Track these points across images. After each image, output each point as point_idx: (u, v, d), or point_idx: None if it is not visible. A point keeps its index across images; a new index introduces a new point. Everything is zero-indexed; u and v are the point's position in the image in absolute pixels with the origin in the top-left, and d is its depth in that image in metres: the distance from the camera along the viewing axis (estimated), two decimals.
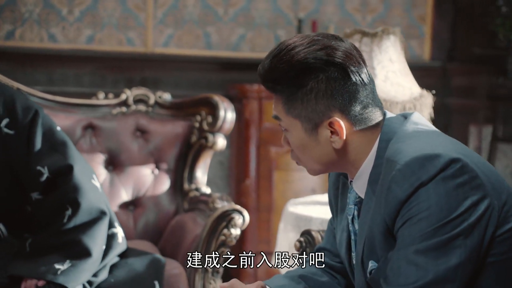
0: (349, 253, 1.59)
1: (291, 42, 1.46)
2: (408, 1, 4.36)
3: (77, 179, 2.10)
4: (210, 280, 2.30)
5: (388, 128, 1.47)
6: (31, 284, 1.99)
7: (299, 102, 1.44)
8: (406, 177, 1.34)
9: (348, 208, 1.55)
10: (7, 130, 2.12)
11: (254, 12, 4.21)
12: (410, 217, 1.33)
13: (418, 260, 1.31)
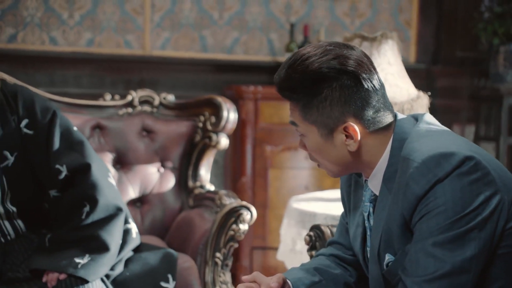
0: (363, 247, 1.62)
1: (305, 52, 1.49)
2: (395, 6, 4.41)
3: (95, 177, 2.11)
4: (219, 273, 2.32)
5: (401, 129, 1.51)
6: (52, 277, 1.99)
7: (315, 109, 1.48)
8: (423, 174, 1.38)
9: (363, 206, 1.59)
10: (26, 130, 2.13)
11: (248, 16, 4.23)
12: (427, 212, 1.37)
13: (436, 252, 1.36)
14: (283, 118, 3.87)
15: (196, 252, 2.37)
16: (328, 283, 1.68)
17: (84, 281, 1.98)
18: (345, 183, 1.72)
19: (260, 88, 3.88)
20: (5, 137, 2.09)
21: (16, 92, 2.15)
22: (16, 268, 2.07)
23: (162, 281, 2.17)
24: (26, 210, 2.15)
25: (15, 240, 2.14)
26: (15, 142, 2.11)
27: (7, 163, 2.10)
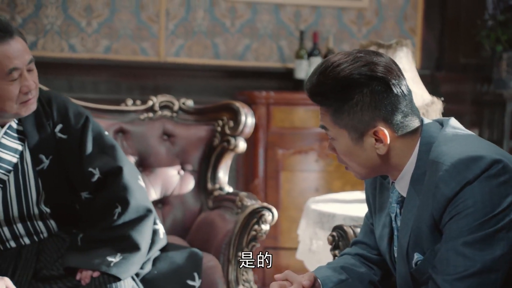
0: (390, 247, 1.64)
1: (336, 59, 1.51)
2: (400, 14, 4.43)
3: (126, 180, 2.13)
4: (242, 272, 2.34)
5: (427, 133, 1.53)
6: (86, 275, 2.01)
7: (346, 114, 1.49)
8: (453, 176, 1.40)
9: (391, 207, 1.61)
10: (61, 135, 2.15)
11: (258, 24, 4.25)
12: (457, 213, 1.39)
13: (466, 251, 1.38)
14: (294, 123, 3.90)
15: (219, 251, 2.38)
16: (354, 282, 1.70)
17: (116, 279, 1.99)
18: (370, 185, 1.73)
19: (272, 94, 3.90)
20: (41, 142, 2.11)
21: (50, 98, 2.17)
22: (50, 266, 2.08)
23: (188, 279, 2.18)
24: (59, 211, 2.17)
25: (48, 239, 2.15)
26: (50, 146, 2.12)
27: (42, 166, 2.11)
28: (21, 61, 1.97)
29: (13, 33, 1.96)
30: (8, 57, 1.94)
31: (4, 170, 2.07)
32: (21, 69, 1.97)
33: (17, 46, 1.96)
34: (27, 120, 2.10)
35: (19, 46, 1.96)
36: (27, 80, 1.98)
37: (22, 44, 1.98)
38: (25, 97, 1.99)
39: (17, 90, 1.97)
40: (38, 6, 3.95)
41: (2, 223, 2.08)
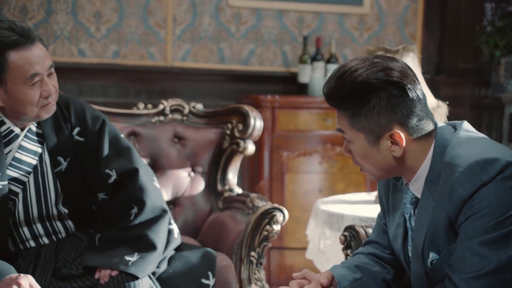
0: (404, 246, 1.65)
1: (353, 64, 1.53)
2: (400, 20, 4.45)
3: (142, 181, 2.14)
4: (254, 271, 2.35)
5: (441, 136, 1.54)
6: (105, 274, 2.02)
7: (363, 118, 1.50)
8: (468, 178, 1.41)
9: (405, 208, 1.62)
10: (78, 138, 2.16)
11: (262, 29, 4.27)
12: (473, 213, 1.40)
13: (482, 251, 1.39)
14: (298, 126, 3.91)
15: (232, 251, 2.39)
16: (368, 280, 1.71)
17: (134, 277, 2.00)
18: (383, 187, 1.74)
19: (277, 97, 3.92)
20: (59, 144, 2.12)
21: (68, 102, 2.18)
22: (69, 265, 2.09)
23: (203, 278, 2.19)
24: (76, 211, 2.18)
25: (66, 239, 2.17)
26: (68, 148, 2.14)
27: (60, 168, 2.13)
28: (42, 67, 1.98)
29: (34, 39, 1.97)
30: (29, 62, 1.95)
31: (24, 172, 2.08)
32: (42, 74, 1.98)
33: (38, 51, 1.97)
34: (46, 124, 2.11)
35: (40, 52, 1.98)
36: (47, 85, 1.99)
37: (43, 50, 2.00)
38: (45, 101, 2.00)
39: (37, 94, 1.99)
40: (48, 12, 3.97)
41: (22, 223, 2.09)
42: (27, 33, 1.96)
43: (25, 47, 1.95)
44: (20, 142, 2.07)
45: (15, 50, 1.94)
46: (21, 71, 1.95)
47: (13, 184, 2.06)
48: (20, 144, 2.07)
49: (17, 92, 1.98)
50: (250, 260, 2.35)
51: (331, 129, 3.92)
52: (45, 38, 3.94)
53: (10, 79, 1.97)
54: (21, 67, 1.95)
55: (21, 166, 2.08)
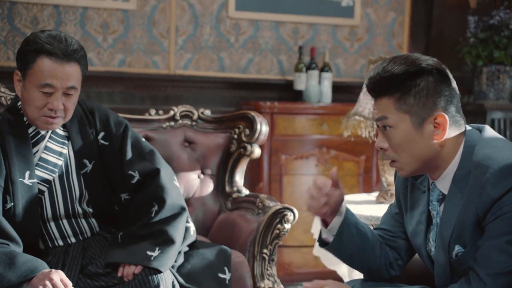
0: (425, 242, 1.67)
1: (401, 55, 1.59)
2: (388, 31, 4.52)
3: (163, 180, 2.16)
4: (267, 267, 2.38)
5: (470, 137, 1.57)
6: (129, 269, 2.03)
7: (412, 98, 1.53)
8: (499, 180, 1.45)
9: (431, 205, 1.64)
10: (103, 142, 2.18)
11: (260, 40, 4.31)
12: (502, 214, 1.44)
13: (509, 249, 1.42)
14: (296, 130, 3.95)
15: (245, 248, 2.42)
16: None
17: (157, 271, 2.02)
18: (401, 185, 1.77)
19: (276, 104, 3.95)
20: (85, 147, 2.15)
21: (93, 109, 2.20)
22: (94, 263, 2.11)
23: (219, 273, 2.21)
24: (100, 211, 2.20)
25: (91, 238, 2.18)
26: (93, 151, 2.16)
27: (86, 170, 2.15)
28: (60, 83, 1.99)
29: (71, 60, 1.99)
30: (50, 73, 1.97)
31: (49, 171, 2.10)
32: (56, 88, 1.99)
33: (66, 70, 1.98)
34: (72, 127, 2.14)
35: (67, 71, 1.99)
36: (56, 100, 1.99)
37: (73, 71, 2.00)
38: (49, 112, 2.01)
39: (43, 102, 2.00)
40: (58, 23, 3.97)
41: (50, 219, 2.11)
42: (68, 52, 1.98)
43: (56, 61, 1.97)
44: (46, 143, 2.10)
45: (48, 57, 1.97)
46: (39, 76, 1.98)
47: (40, 183, 2.08)
48: (46, 145, 2.10)
49: (29, 90, 2.01)
50: (263, 257, 2.37)
51: (327, 134, 3.97)
52: None
53: (29, 77, 2.00)
54: (41, 72, 1.98)
55: (47, 166, 2.10)
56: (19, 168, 2.01)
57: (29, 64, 1.99)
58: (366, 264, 1.73)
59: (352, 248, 1.70)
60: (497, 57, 4.10)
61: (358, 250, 1.71)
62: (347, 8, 4.40)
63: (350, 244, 1.70)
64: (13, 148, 2.02)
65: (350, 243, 1.70)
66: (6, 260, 1.87)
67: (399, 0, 4.51)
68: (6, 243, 1.93)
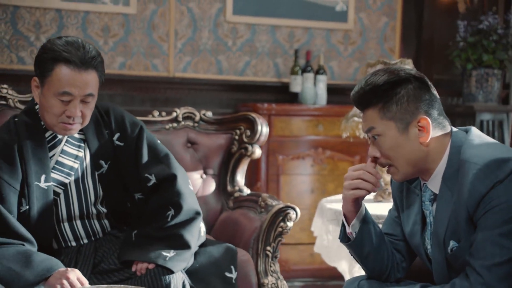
0: (422, 240, 1.70)
1: (380, 69, 1.64)
2: (381, 36, 4.55)
3: (180, 186, 2.14)
4: (270, 264, 2.39)
5: (456, 138, 1.62)
6: (142, 267, 2.03)
7: (395, 105, 1.59)
8: (486, 175, 1.48)
9: (424, 205, 1.68)
10: (118, 143, 2.16)
11: (257, 43, 4.33)
12: (491, 207, 1.47)
13: (502, 241, 1.46)
14: (292, 131, 3.97)
15: (248, 246, 2.43)
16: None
17: (170, 271, 2.02)
18: (397, 189, 1.81)
19: (273, 105, 3.97)
20: (100, 148, 2.13)
21: (108, 109, 2.19)
22: (106, 260, 2.10)
23: (226, 271, 2.21)
24: (113, 210, 2.19)
25: (103, 238, 2.18)
26: (109, 152, 2.14)
27: (102, 170, 2.14)
28: (78, 91, 1.97)
29: (88, 68, 1.96)
30: (68, 82, 1.95)
31: (65, 174, 2.10)
32: (74, 96, 1.97)
33: (84, 78, 1.96)
34: (88, 130, 2.12)
35: (86, 79, 1.96)
36: (75, 108, 1.98)
37: (91, 79, 1.98)
38: (67, 119, 2.00)
39: (61, 110, 1.98)
40: (60, 27, 3.97)
41: (64, 220, 2.11)
42: (86, 59, 1.95)
43: (74, 69, 1.94)
44: (62, 147, 2.09)
45: (66, 65, 1.95)
46: (58, 84, 1.96)
47: (56, 186, 2.07)
48: (62, 149, 2.09)
49: (47, 98, 2.00)
50: (266, 254, 2.38)
51: (322, 135, 4.00)
52: None
53: (47, 84, 1.99)
54: (59, 81, 1.96)
55: (63, 169, 2.09)
56: (35, 171, 2.00)
57: (47, 72, 1.96)
58: (379, 265, 1.75)
59: (369, 246, 1.73)
60: (486, 60, 4.15)
61: (374, 249, 1.74)
62: (341, 12, 4.43)
63: (368, 242, 1.73)
64: (30, 152, 2.00)
65: (368, 241, 1.73)
66: (22, 259, 1.87)
67: (391, 5, 4.55)
68: (22, 243, 1.93)
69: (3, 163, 1.96)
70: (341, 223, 1.80)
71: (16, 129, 2.03)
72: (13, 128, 2.04)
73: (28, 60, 3.92)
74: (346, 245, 1.78)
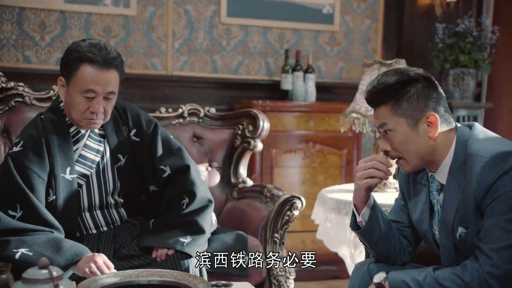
0: (430, 227, 1.75)
1: (390, 69, 1.68)
2: (364, 37, 4.61)
3: (193, 176, 2.18)
4: (278, 250, 2.43)
5: (461, 133, 1.67)
6: (162, 252, 2.06)
7: (405, 103, 1.63)
8: (492, 167, 1.54)
9: (432, 195, 1.73)
10: (135, 138, 2.20)
11: (249, 44, 4.35)
12: (498, 196, 1.52)
13: (508, 226, 1.51)
14: (285, 126, 4.01)
15: (257, 233, 2.47)
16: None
17: (188, 256, 2.06)
18: (404, 181, 1.86)
19: (268, 102, 4.01)
20: (119, 143, 2.16)
21: (125, 108, 2.22)
22: (126, 247, 2.13)
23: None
24: (129, 201, 2.22)
25: (121, 226, 2.21)
26: (126, 147, 2.18)
27: (120, 164, 2.16)
28: (101, 88, 2.00)
29: (110, 67, 1.99)
30: (92, 80, 1.98)
31: (88, 167, 2.12)
32: (98, 93, 2.00)
33: (107, 76, 1.99)
34: (107, 126, 2.15)
35: (108, 77, 2.00)
36: (98, 104, 2.01)
37: (113, 77, 2.01)
38: (91, 115, 2.03)
39: (85, 106, 2.01)
40: (64, 28, 3.94)
41: (85, 209, 2.13)
42: (108, 59, 1.99)
43: (98, 68, 1.98)
44: (85, 141, 2.11)
45: (90, 65, 1.98)
46: (83, 82, 1.99)
47: (79, 178, 2.09)
48: (85, 143, 2.11)
49: (72, 95, 2.02)
50: (274, 241, 2.42)
51: (313, 130, 4.04)
52: (61, 50, 3.93)
53: (73, 83, 2.01)
54: (84, 79, 1.99)
55: (86, 162, 2.11)
56: (61, 164, 2.03)
57: (73, 72, 1.99)
58: (387, 250, 1.80)
59: (378, 233, 1.78)
60: (462, 60, 4.24)
61: (382, 235, 1.78)
62: (328, 15, 4.48)
63: (377, 229, 1.77)
64: (56, 146, 2.03)
65: (377, 228, 1.77)
66: (53, 245, 1.89)
67: (373, 9, 4.61)
68: (51, 231, 1.95)
69: (33, 156, 1.97)
70: (352, 212, 1.84)
71: (43, 125, 2.05)
72: (40, 124, 2.06)
73: (34, 59, 3.89)
74: (357, 233, 1.82)
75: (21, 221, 1.91)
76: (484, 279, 1.53)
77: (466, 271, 1.56)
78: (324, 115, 4.05)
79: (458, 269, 1.59)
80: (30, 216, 1.93)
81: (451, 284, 1.56)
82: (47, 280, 1.25)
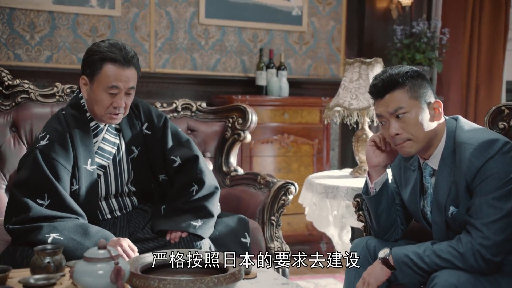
0: (421, 207, 1.83)
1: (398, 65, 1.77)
2: (329, 37, 4.72)
3: (201, 165, 2.22)
4: (275, 231, 2.49)
5: (450, 124, 1.77)
6: (176, 235, 2.09)
7: (420, 87, 1.71)
8: (480, 152, 1.63)
9: (425, 180, 1.81)
10: (146, 131, 2.21)
11: (226, 43, 4.39)
12: (486, 177, 1.62)
13: (495, 203, 1.61)
14: (263, 119, 4.07)
15: (255, 216, 2.52)
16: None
17: (200, 238, 2.09)
18: (396, 167, 1.94)
19: (247, 97, 4.05)
20: (133, 136, 2.18)
21: (138, 104, 2.23)
22: (140, 231, 2.15)
23: (241, 237, 2.28)
24: (141, 189, 2.23)
25: (133, 212, 2.22)
26: (139, 140, 2.19)
27: (133, 155, 2.18)
28: (123, 85, 2.02)
29: (130, 65, 2.02)
30: (115, 77, 2.00)
31: (105, 158, 2.12)
32: (120, 89, 2.02)
33: (128, 73, 2.02)
34: (122, 121, 2.16)
35: (129, 74, 2.02)
36: (120, 99, 2.03)
37: (133, 74, 2.04)
38: (114, 110, 2.05)
39: (109, 102, 2.03)
40: (52, 28, 3.88)
41: (102, 198, 2.14)
42: (128, 58, 2.01)
43: (119, 66, 2.00)
44: (103, 134, 2.12)
45: (112, 63, 1.99)
46: (106, 80, 2.00)
47: (98, 168, 2.10)
48: (103, 136, 2.12)
49: (96, 92, 2.03)
50: (271, 223, 2.48)
51: (288, 122, 4.12)
52: (50, 48, 3.87)
53: (97, 81, 2.02)
54: (108, 77, 2.00)
55: (104, 154, 2.12)
56: (83, 156, 2.03)
57: (96, 71, 2.00)
58: (389, 222, 1.88)
59: (385, 203, 1.84)
60: (418, 59, 4.39)
61: (387, 208, 1.85)
62: (297, 17, 4.56)
63: (385, 200, 1.84)
64: (78, 139, 2.03)
65: (385, 199, 1.84)
66: (81, 230, 1.89)
67: (337, 11, 4.72)
68: (76, 217, 1.95)
69: (59, 149, 1.97)
70: (365, 180, 1.91)
71: (65, 120, 2.05)
72: (63, 119, 2.05)
73: (24, 57, 3.81)
74: (367, 198, 1.88)
75: (49, 209, 1.91)
76: (476, 249, 1.63)
77: (460, 243, 1.65)
78: (297, 108, 4.13)
79: (454, 242, 1.68)
80: (57, 204, 1.93)
81: (448, 255, 1.65)
82: (107, 258, 1.28)
